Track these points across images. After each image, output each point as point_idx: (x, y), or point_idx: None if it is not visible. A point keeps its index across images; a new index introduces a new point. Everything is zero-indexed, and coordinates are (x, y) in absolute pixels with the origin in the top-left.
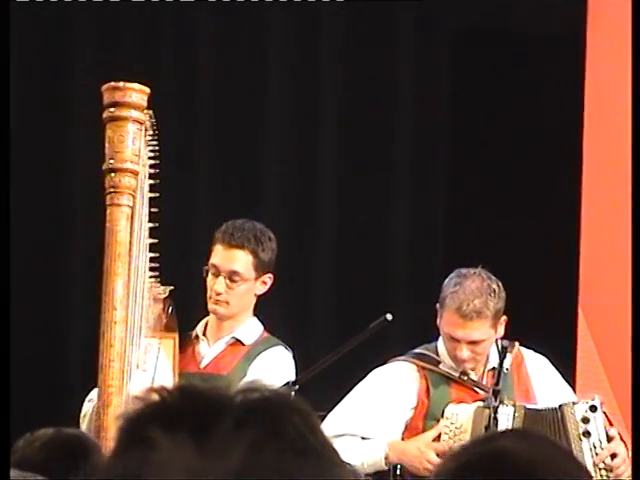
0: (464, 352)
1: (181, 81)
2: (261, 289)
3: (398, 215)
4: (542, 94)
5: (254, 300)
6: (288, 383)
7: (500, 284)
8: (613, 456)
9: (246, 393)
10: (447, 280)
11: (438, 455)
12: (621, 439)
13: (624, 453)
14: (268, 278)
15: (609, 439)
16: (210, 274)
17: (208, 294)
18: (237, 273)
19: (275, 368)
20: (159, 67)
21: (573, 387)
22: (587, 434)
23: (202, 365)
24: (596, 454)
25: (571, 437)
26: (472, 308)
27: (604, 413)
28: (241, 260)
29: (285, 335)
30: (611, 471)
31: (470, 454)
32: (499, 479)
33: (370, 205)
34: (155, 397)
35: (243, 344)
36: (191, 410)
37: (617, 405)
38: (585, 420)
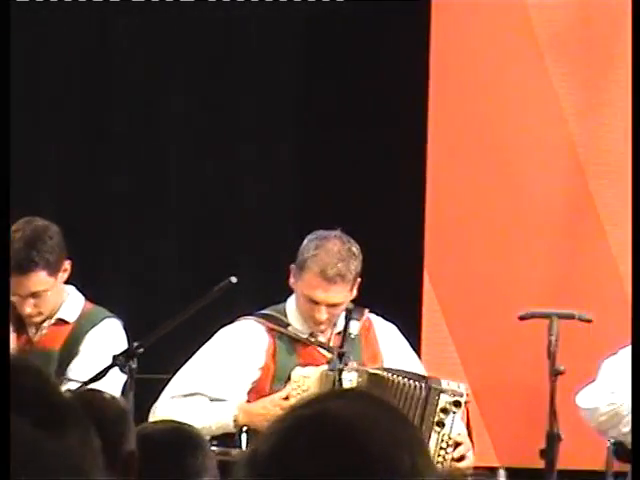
0: (323, 314)
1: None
2: (65, 276)
3: (247, 180)
4: (388, 72)
5: (64, 287)
6: (133, 346)
7: (357, 246)
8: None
9: None
10: (306, 242)
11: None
12: (469, 433)
13: (466, 452)
14: (67, 264)
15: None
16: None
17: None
18: (37, 292)
19: (108, 343)
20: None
21: (418, 351)
22: (441, 425)
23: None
24: (441, 448)
25: (425, 419)
26: (336, 271)
27: (466, 408)
28: (35, 280)
29: (130, 300)
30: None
31: (295, 417)
32: (322, 440)
33: (219, 172)
34: None
35: (67, 322)
36: None
37: (463, 370)
38: (444, 411)
